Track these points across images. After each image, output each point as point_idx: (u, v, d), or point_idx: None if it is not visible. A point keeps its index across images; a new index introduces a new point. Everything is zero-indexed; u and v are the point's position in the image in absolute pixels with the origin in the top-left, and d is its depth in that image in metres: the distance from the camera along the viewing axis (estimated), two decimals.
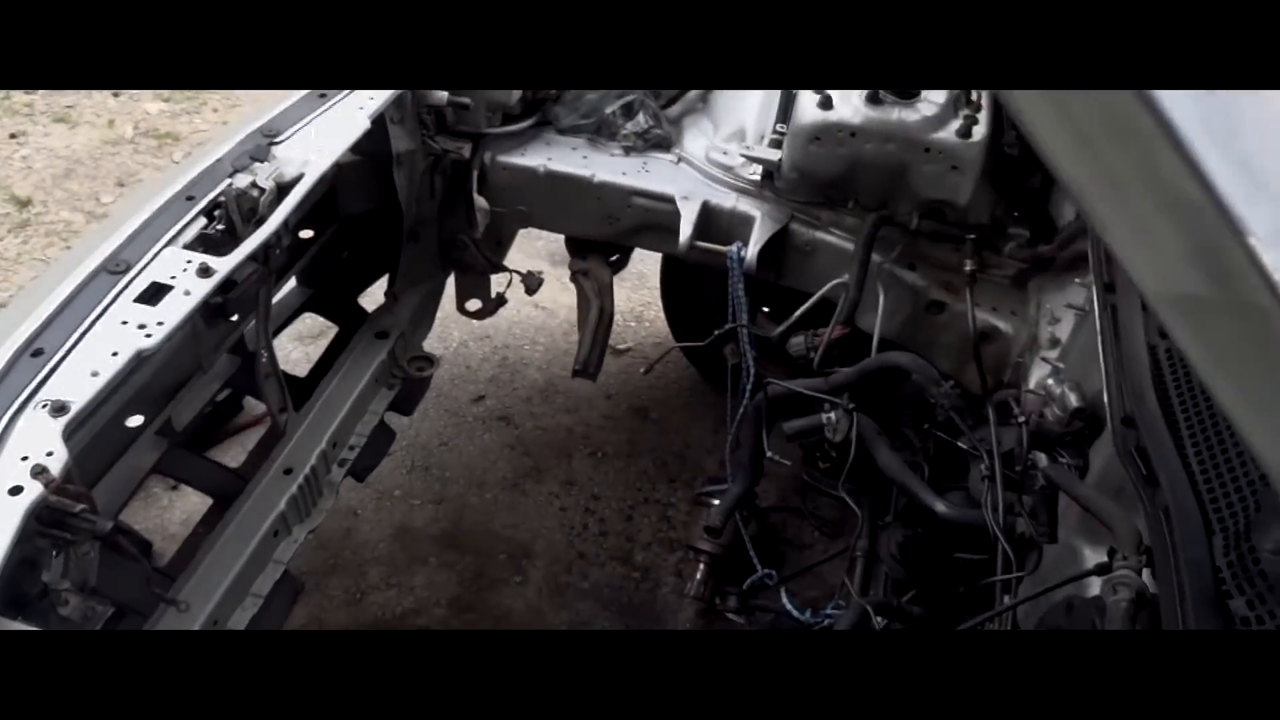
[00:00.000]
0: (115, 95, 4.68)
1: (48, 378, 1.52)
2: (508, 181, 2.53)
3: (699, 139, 2.56)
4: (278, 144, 2.02)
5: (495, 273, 2.75)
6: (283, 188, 1.92)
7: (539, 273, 2.73)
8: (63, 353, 1.55)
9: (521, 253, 2.82)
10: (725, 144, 2.51)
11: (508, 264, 2.73)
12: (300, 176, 1.94)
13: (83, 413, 1.50)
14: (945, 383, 2.03)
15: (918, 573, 2.06)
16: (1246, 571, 1.06)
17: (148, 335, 1.58)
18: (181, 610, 1.86)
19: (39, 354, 1.55)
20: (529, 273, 2.75)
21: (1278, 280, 0.68)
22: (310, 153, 1.99)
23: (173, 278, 1.68)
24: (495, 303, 2.77)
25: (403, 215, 2.47)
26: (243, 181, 1.89)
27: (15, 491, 1.37)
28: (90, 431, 1.71)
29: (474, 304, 2.83)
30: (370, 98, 2.14)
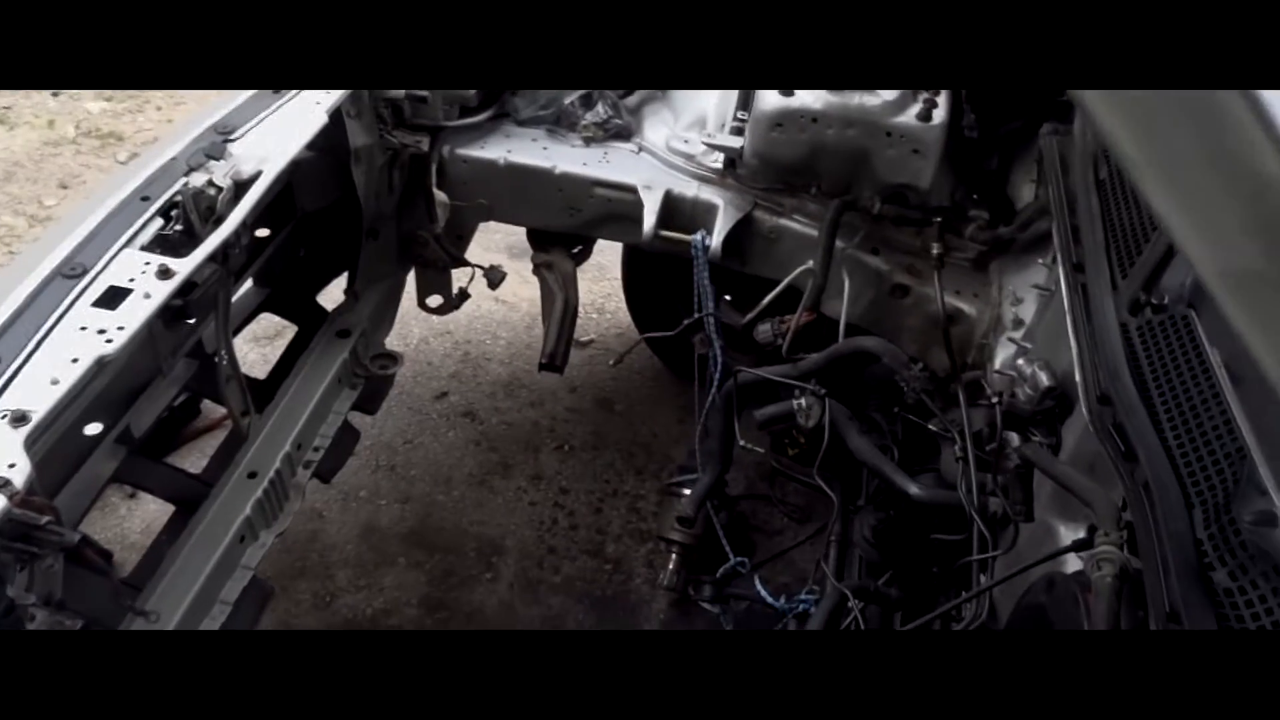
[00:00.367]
0: (55, 95, 4.56)
1: (6, 387, 1.47)
2: (467, 175, 2.51)
3: (659, 128, 2.55)
4: (233, 141, 1.98)
5: (456, 267, 2.72)
6: (241, 186, 1.88)
7: (499, 266, 2.71)
8: (20, 361, 1.51)
9: (479, 246, 2.79)
10: (686, 132, 2.51)
11: (468, 258, 2.70)
12: (258, 174, 1.90)
13: (44, 422, 1.45)
14: (914, 365, 2.05)
15: (892, 555, 2.07)
16: (1228, 543, 1.07)
17: (108, 340, 1.54)
18: (151, 621, 1.82)
19: None
20: (491, 267, 2.72)
21: None
22: (268, 149, 1.95)
23: (131, 280, 1.64)
24: (459, 298, 2.74)
25: (362, 212, 2.43)
26: (199, 180, 1.84)
27: None
28: (50, 441, 1.66)
29: (435, 300, 2.80)
30: (327, 92, 2.10)
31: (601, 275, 3.57)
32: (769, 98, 2.23)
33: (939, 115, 2.16)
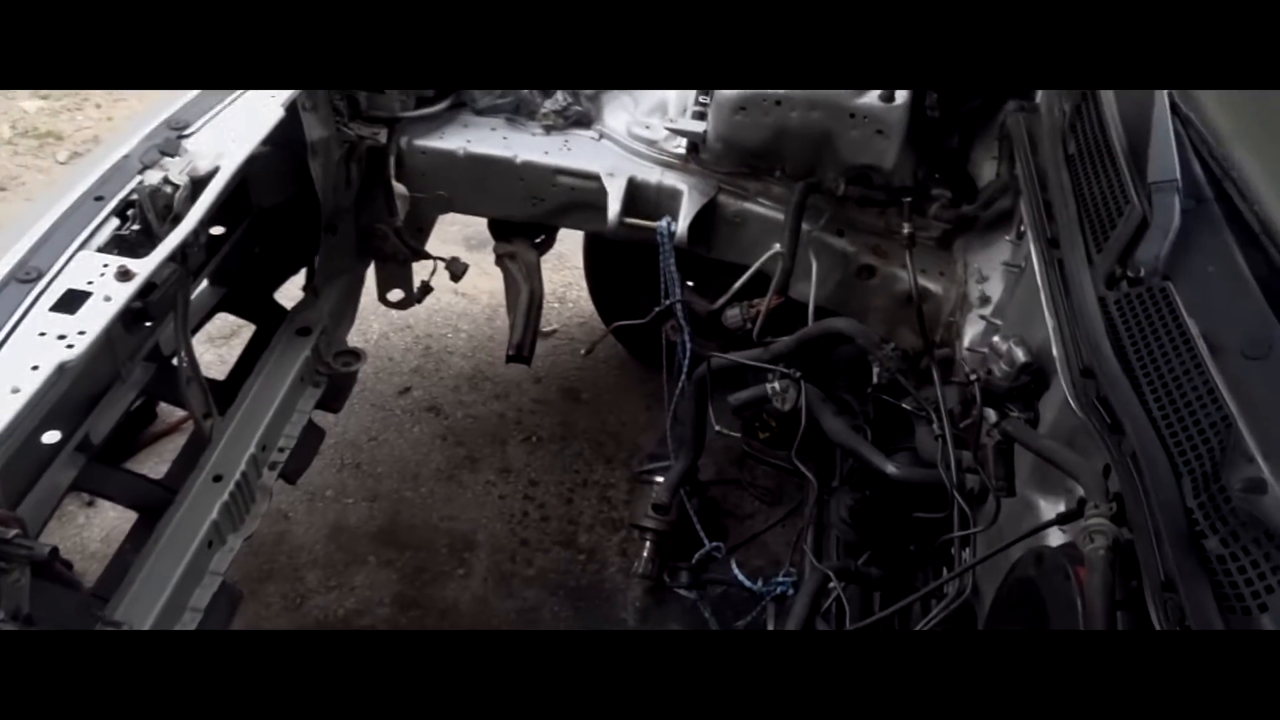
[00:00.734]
0: None
1: None
2: (426, 166, 2.47)
3: (620, 114, 2.53)
4: (187, 137, 1.92)
5: (417, 260, 2.68)
6: (198, 183, 1.83)
7: (459, 258, 2.67)
8: None
9: (436, 239, 2.75)
10: (647, 118, 2.49)
11: (428, 251, 2.66)
12: (216, 170, 1.85)
13: (5, 433, 1.40)
14: (886, 345, 2.05)
15: (869, 534, 2.08)
16: (1219, 510, 1.08)
17: (69, 346, 1.49)
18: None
19: None
20: (452, 259, 2.69)
21: None
22: (224, 144, 1.91)
23: (90, 283, 1.59)
24: (421, 291, 2.70)
25: (320, 206, 2.38)
26: (154, 178, 1.80)
27: None
28: (9, 451, 1.60)
29: (396, 294, 2.76)
30: None
31: (562, 264, 3.54)
32: None
33: (901, 96, 2.16)
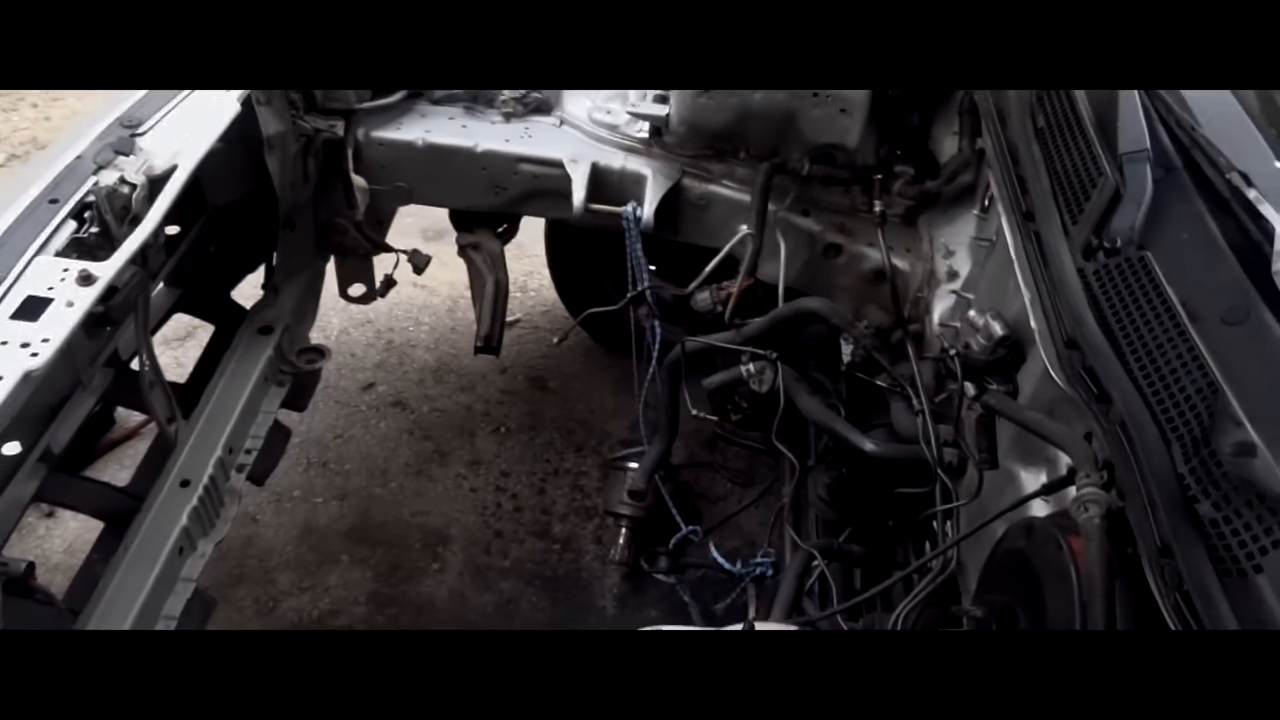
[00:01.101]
0: None
1: None
2: (385, 157, 2.42)
3: (580, 99, 2.50)
4: (141, 135, 1.87)
5: (378, 254, 2.64)
6: (155, 182, 1.78)
7: (419, 250, 2.64)
8: None
9: (393, 231, 2.71)
10: (608, 103, 2.46)
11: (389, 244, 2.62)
12: (173, 168, 1.80)
13: None
14: (860, 323, 2.06)
15: (848, 512, 2.09)
16: (1210, 475, 1.10)
17: (34, 354, 1.44)
18: None
19: None
20: (414, 251, 2.65)
21: None
22: (180, 142, 1.86)
23: (50, 289, 1.54)
24: (384, 285, 2.66)
25: (277, 202, 2.33)
26: (110, 178, 1.74)
27: None
28: None
29: (358, 289, 2.72)
30: None
31: (523, 253, 3.50)
32: None
33: None
